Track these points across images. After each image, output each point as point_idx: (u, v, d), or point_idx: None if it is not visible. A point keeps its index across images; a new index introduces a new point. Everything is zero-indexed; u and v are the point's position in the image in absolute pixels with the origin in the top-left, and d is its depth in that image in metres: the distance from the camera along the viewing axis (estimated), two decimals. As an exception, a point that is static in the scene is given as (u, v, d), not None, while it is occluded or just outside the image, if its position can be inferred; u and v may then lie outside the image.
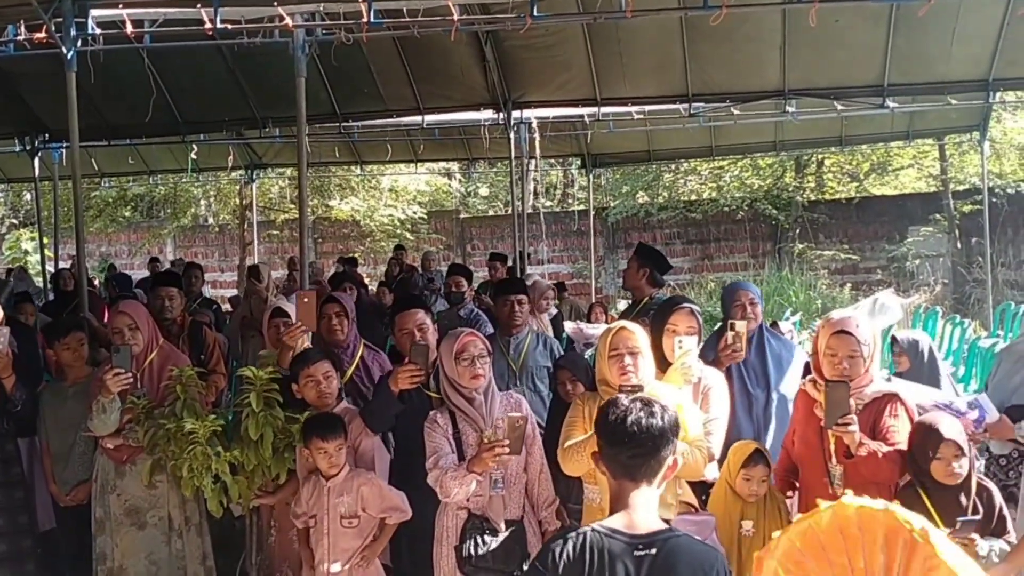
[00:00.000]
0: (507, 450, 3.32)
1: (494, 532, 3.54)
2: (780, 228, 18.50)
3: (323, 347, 4.56)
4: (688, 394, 3.88)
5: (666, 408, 2.38)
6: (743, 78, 9.01)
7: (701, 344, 4.13)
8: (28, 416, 4.69)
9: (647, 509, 2.32)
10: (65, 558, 5.31)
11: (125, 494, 4.46)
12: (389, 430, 4.15)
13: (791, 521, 3.75)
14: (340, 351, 4.61)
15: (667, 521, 3.21)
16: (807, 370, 4.12)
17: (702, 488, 4.05)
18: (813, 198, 19.12)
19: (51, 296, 10.49)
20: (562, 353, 5.30)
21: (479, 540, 3.50)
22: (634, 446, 2.30)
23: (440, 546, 3.66)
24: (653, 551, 2.22)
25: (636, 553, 2.21)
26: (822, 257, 17.75)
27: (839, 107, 9.85)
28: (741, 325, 4.29)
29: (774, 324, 7.66)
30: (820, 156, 18.85)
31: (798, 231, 18.29)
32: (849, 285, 16.85)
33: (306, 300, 4.44)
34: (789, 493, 3.99)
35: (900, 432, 3.49)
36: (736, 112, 10.14)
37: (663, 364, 4.03)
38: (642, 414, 2.32)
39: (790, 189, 19.12)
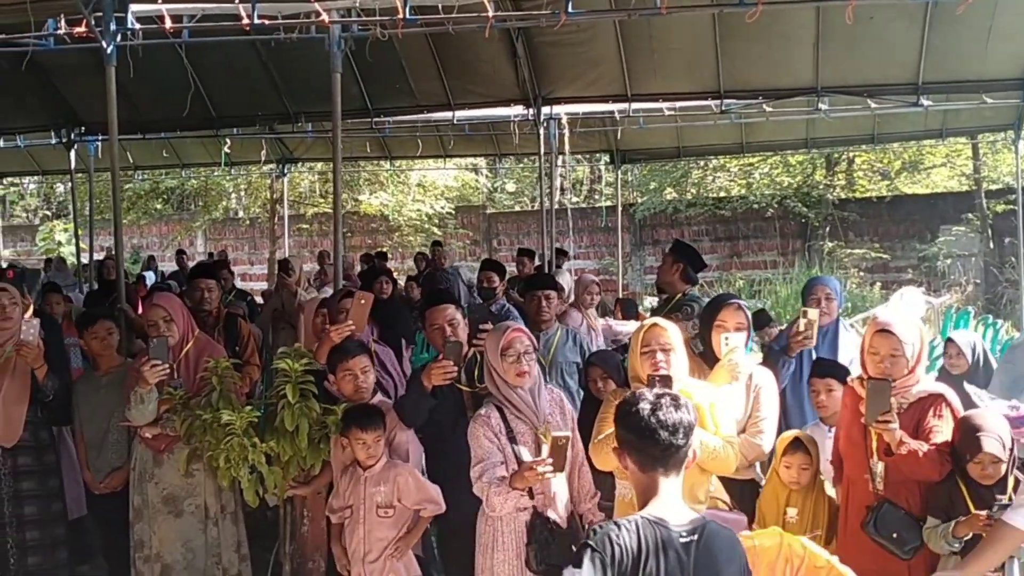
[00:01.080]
0: (551, 469, 3.26)
1: (557, 527, 3.52)
2: (810, 226, 18.40)
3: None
4: (727, 394, 3.90)
5: (687, 400, 2.45)
6: (775, 75, 8.95)
7: (752, 340, 4.16)
8: (60, 405, 4.76)
9: (678, 498, 2.38)
10: (97, 546, 5.42)
11: (163, 483, 4.52)
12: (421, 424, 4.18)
13: (836, 512, 3.82)
14: None
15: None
16: None
17: (751, 487, 4.09)
18: (843, 196, 19.00)
19: (89, 287, 10.63)
20: (591, 349, 5.32)
21: (547, 538, 3.47)
22: (666, 438, 2.34)
23: (494, 553, 3.56)
24: (695, 537, 2.28)
25: (682, 540, 2.27)
26: (852, 256, 17.63)
27: (872, 105, 9.76)
28: (814, 313, 4.46)
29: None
30: (851, 154, 18.71)
31: (828, 229, 18.17)
32: (879, 284, 16.73)
33: (363, 302, 4.46)
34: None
35: (943, 432, 3.49)
36: (768, 109, 10.08)
37: (712, 360, 4.05)
38: (671, 407, 2.37)
39: (820, 187, 19.01)
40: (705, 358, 4.24)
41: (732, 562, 2.33)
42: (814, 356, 4.61)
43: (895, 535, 3.47)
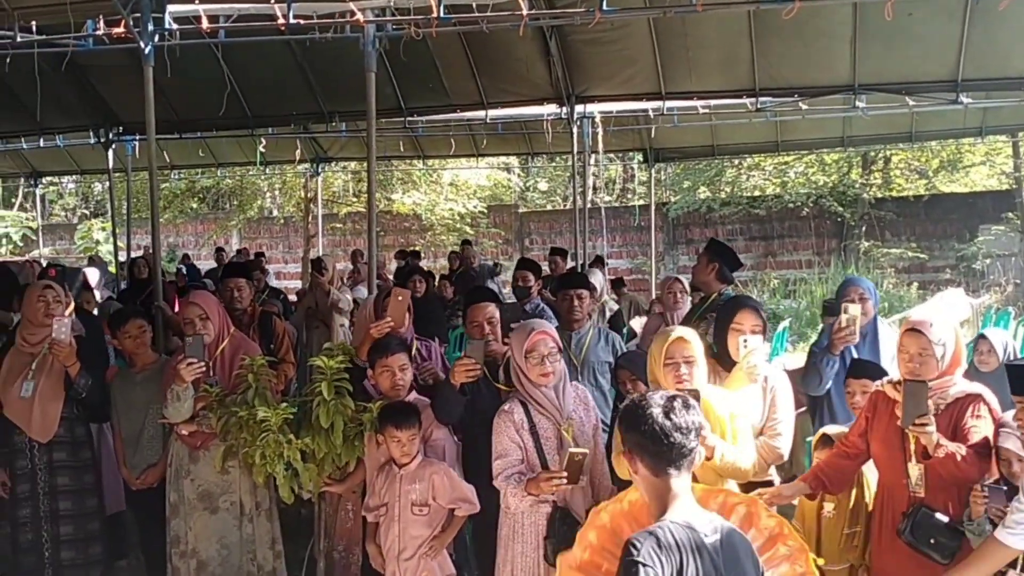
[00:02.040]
0: (564, 481, 3.37)
1: (576, 523, 3.55)
2: (846, 225, 18.22)
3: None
4: (745, 397, 3.89)
5: (693, 400, 2.45)
6: (812, 72, 8.87)
7: (766, 342, 4.13)
8: (95, 403, 4.82)
9: (693, 498, 2.39)
10: (133, 540, 5.48)
11: (198, 479, 4.56)
12: (457, 420, 4.20)
13: (869, 512, 3.78)
14: None
15: None
16: None
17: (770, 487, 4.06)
18: (880, 195, 18.79)
19: (124, 285, 10.76)
20: (623, 349, 5.29)
21: (565, 532, 3.51)
22: (680, 441, 2.33)
23: (513, 545, 3.65)
24: (719, 536, 2.29)
25: (708, 540, 2.27)
26: (889, 255, 17.43)
27: (910, 102, 9.64)
28: (855, 309, 4.42)
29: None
30: (888, 152, 18.50)
31: (864, 228, 17.99)
32: (916, 284, 16.52)
33: (400, 298, 4.52)
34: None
35: (982, 432, 3.43)
36: (804, 107, 9.98)
37: (728, 363, 4.02)
38: (682, 409, 2.37)
39: (856, 186, 18.81)
40: (720, 360, 4.21)
41: (749, 556, 2.36)
42: (855, 354, 4.56)
43: (932, 541, 3.42)
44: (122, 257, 12.81)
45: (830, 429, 4.09)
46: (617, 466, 3.59)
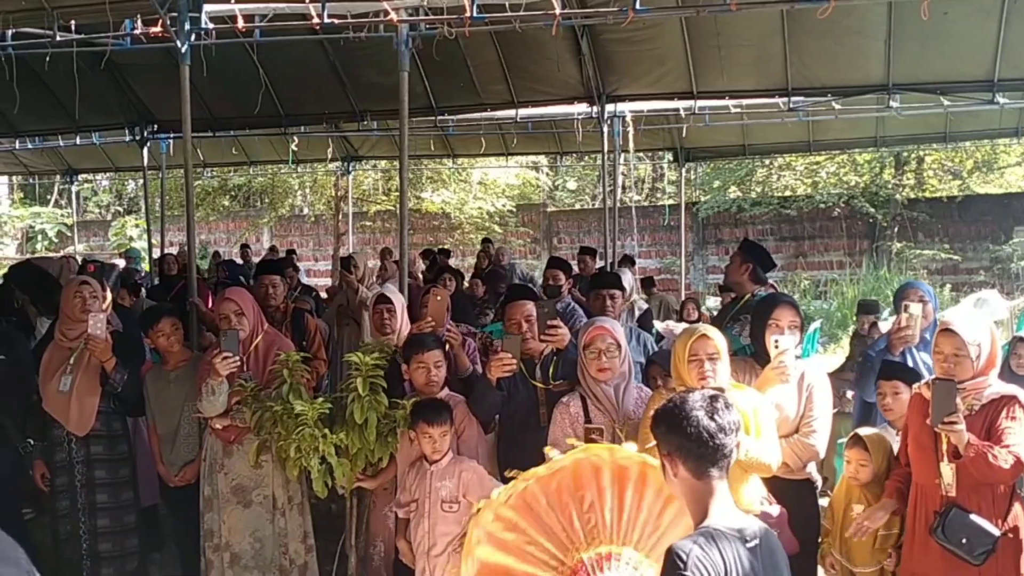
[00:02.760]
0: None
1: None
2: (878, 226, 18.03)
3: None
4: (778, 392, 3.87)
5: (729, 398, 2.44)
6: (845, 72, 8.79)
7: (801, 341, 4.09)
8: (131, 397, 4.88)
9: (731, 501, 2.36)
10: (167, 533, 5.55)
11: (232, 473, 4.61)
12: (494, 416, 4.23)
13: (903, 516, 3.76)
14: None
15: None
16: None
17: (807, 487, 4.04)
18: (913, 196, 18.59)
19: (155, 281, 10.88)
20: (655, 349, 5.30)
21: None
22: (723, 441, 2.32)
23: None
24: (759, 540, 2.28)
25: (749, 545, 2.25)
26: (921, 257, 17.24)
27: (945, 102, 9.54)
28: (916, 308, 4.37)
29: (874, 324, 7.50)
30: (921, 152, 18.29)
31: (896, 229, 17.80)
32: (949, 286, 16.32)
33: (439, 298, 4.62)
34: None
35: (1017, 433, 3.41)
36: (837, 106, 9.91)
37: (765, 361, 4.01)
38: (724, 409, 2.35)
39: (889, 186, 18.62)
40: (757, 358, 4.20)
41: (784, 558, 2.36)
42: (917, 355, 4.51)
43: (964, 540, 3.40)
44: (156, 253, 12.94)
45: (863, 431, 4.07)
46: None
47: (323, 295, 10.66)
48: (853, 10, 7.55)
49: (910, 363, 4.43)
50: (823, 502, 4.40)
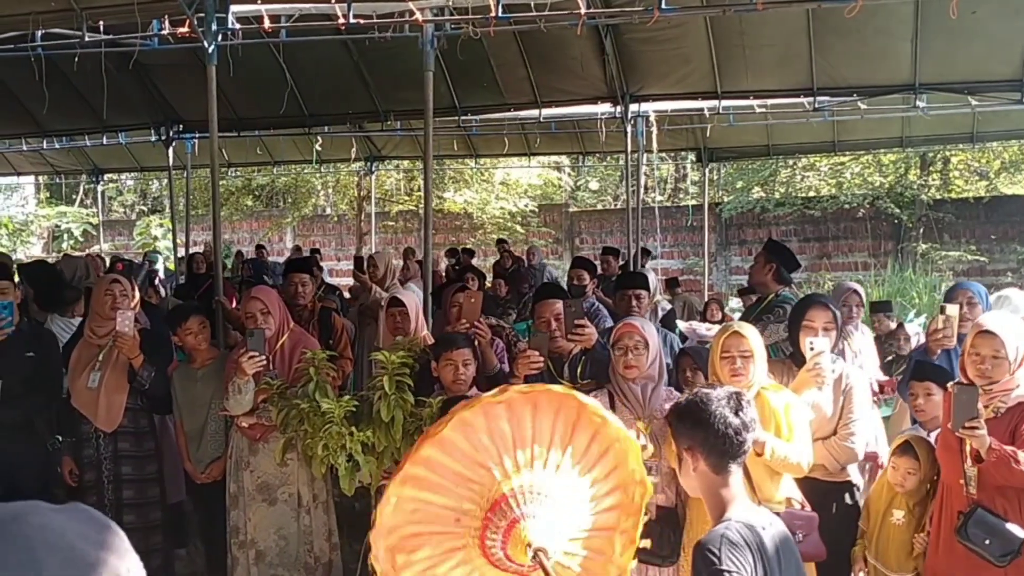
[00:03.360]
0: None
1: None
2: (903, 227, 17.90)
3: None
4: (810, 394, 3.85)
5: (704, 413, 2.39)
6: (871, 71, 8.73)
7: (838, 340, 4.06)
8: (158, 394, 4.91)
9: (745, 494, 2.39)
10: (193, 530, 5.58)
11: (258, 471, 4.64)
12: None
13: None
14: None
15: (776, 514, 3.30)
16: None
17: (848, 489, 3.99)
18: (938, 196, 18.44)
19: (182, 280, 10.96)
20: (680, 348, 5.29)
21: None
22: (746, 437, 2.35)
23: None
24: (772, 533, 2.30)
25: (766, 538, 2.27)
26: (947, 258, 17.09)
27: (973, 102, 9.45)
28: (952, 309, 4.27)
29: (900, 326, 7.44)
30: (947, 153, 18.14)
31: (922, 231, 17.67)
32: (976, 287, 16.16)
33: (472, 300, 4.68)
34: None
35: None
36: (863, 106, 9.84)
37: (801, 362, 3.99)
38: (745, 404, 2.37)
39: (914, 187, 18.47)
40: (795, 360, 4.17)
41: (795, 550, 2.40)
42: (951, 360, 4.45)
43: (987, 541, 3.37)
44: (180, 253, 13.04)
45: (912, 437, 3.94)
46: (669, 458, 3.61)
47: (346, 295, 10.71)
48: (879, 9, 7.49)
49: (950, 365, 4.37)
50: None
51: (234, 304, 6.93)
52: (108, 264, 9.04)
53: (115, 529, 0.90)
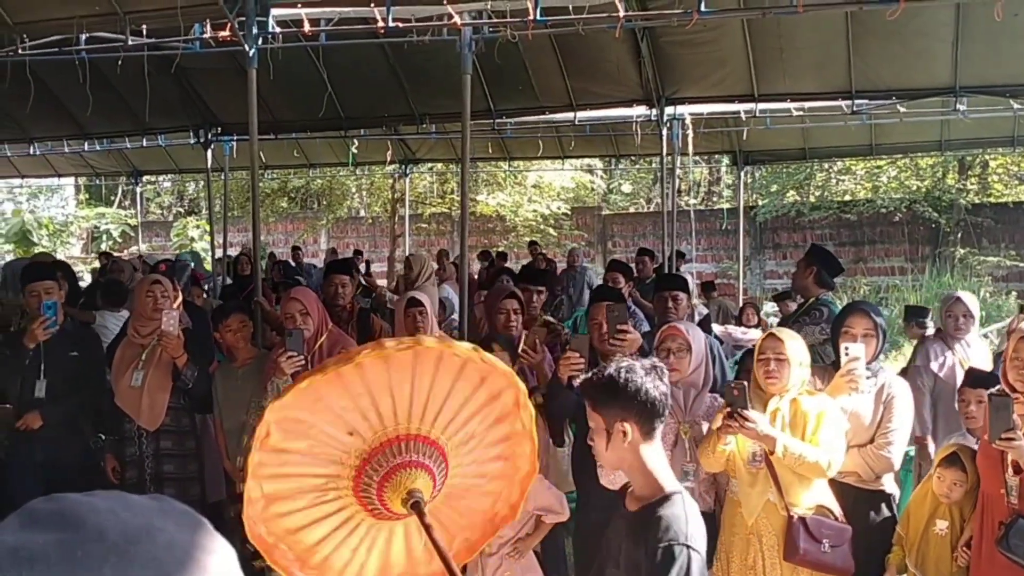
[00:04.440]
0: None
1: None
2: (940, 231, 17.68)
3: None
4: (850, 401, 3.81)
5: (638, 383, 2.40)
6: (911, 74, 8.64)
7: (880, 349, 4.00)
8: (200, 394, 4.96)
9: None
10: (235, 529, 5.63)
11: (296, 470, 4.67)
12: (565, 420, 4.23)
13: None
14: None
15: (803, 519, 3.28)
16: None
17: (884, 499, 3.96)
18: (977, 201, 18.20)
19: (224, 281, 11.07)
20: (721, 355, 5.26)
21: None
22: (667, 399, 2.42)
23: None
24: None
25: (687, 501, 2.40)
26: (986, 263, 16.86)
27: (1015, 105, 9.33)
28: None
29: (939, 332, 7.35)
30: (986, 156, 17.90)
31: (960, 235, 17.44)
32: (1015, 294, 15.94)
33: (535, 332, 4.77)
34: None
35: None
36: (902, 110, 9.74)
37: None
38: (663, 373, 2.45)
39: (952, 191, 18.25)
40: (836, 367, 4.14)
41: None
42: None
43: (1029, 552, 3.33)
44: (218, 254, 13.17)
45: (960, 447, 3.88)
46: (704, 459, 3.60)
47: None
48: (919, 12, 7.42)
49: None
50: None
51: (272, 304, 7.00)
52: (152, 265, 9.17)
53: (207, 525, 0.91)
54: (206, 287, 10.94)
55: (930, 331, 7.51)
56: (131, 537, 0.80)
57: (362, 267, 13.81)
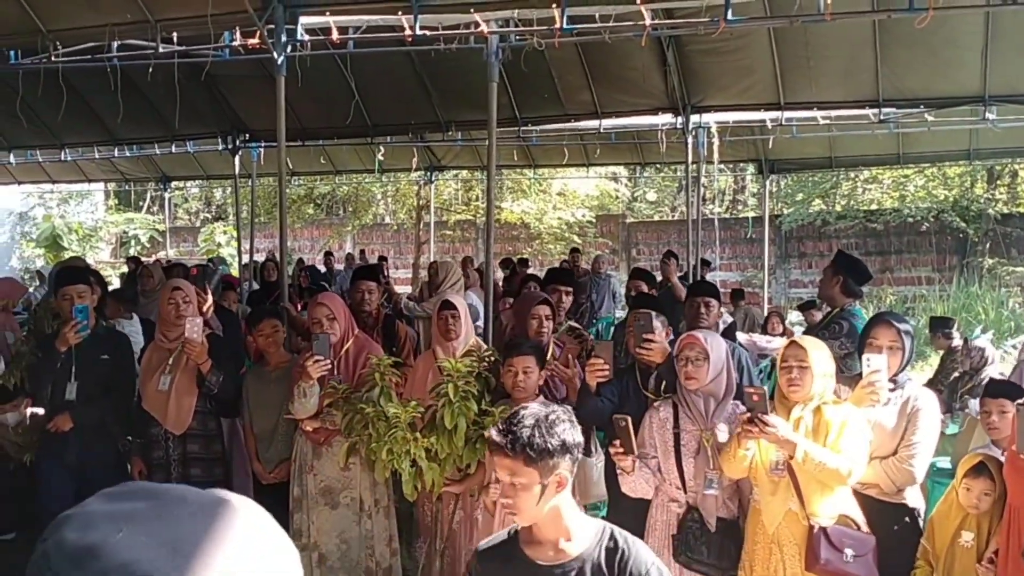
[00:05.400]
0: (622, 451, 3.60)
1: (705, 527, 3.63)
2: (968, 241, 17.51)
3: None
4: (874, 411, 3.79)
5: (568, 429, 2.29)
6: (939, 83, 8.58)
7: (906, 360, 3.96)
8: (227, 398, 5.00)
9: None
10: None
11: (321, 474, 4.71)
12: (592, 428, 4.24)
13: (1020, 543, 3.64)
14: None
15: (824, 529, 3.26)
16: None
17: (906, 513, 3.93)
18: (1006, 211, 18.02)
19: (249, 287, 11.16)
20: (748, 364, 5.24)
21: (695, 533, 3.59)
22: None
23: (648, 539, 3.75)
24: None
25: None
26: (1015, 273, 16.68)
27: (1046, 114, 9.25)
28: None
29: (965, 342, 7.31)
30: (1016, 166, 17.72)
31: (988, 245, 17.27)
32: (1045, 304, 15.80)
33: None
34: None
35: None
36: (930, 118, 9.67)
37: None
38: (538, 431, 2.25)
39: (981, 200, 18.08)
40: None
41: None
42: None
43: (1055, 562, 3.30)
44: (244, 260, 13.27)
45: (987, 457, 3.81)
46: (726, 464, 3.61)
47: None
48: (948, 20, 7.35)
49: None
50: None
51: (299, 310, 7.05)
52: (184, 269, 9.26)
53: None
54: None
55: (956, 342, 7.47)
56: (207, 504, 0.92)
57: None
